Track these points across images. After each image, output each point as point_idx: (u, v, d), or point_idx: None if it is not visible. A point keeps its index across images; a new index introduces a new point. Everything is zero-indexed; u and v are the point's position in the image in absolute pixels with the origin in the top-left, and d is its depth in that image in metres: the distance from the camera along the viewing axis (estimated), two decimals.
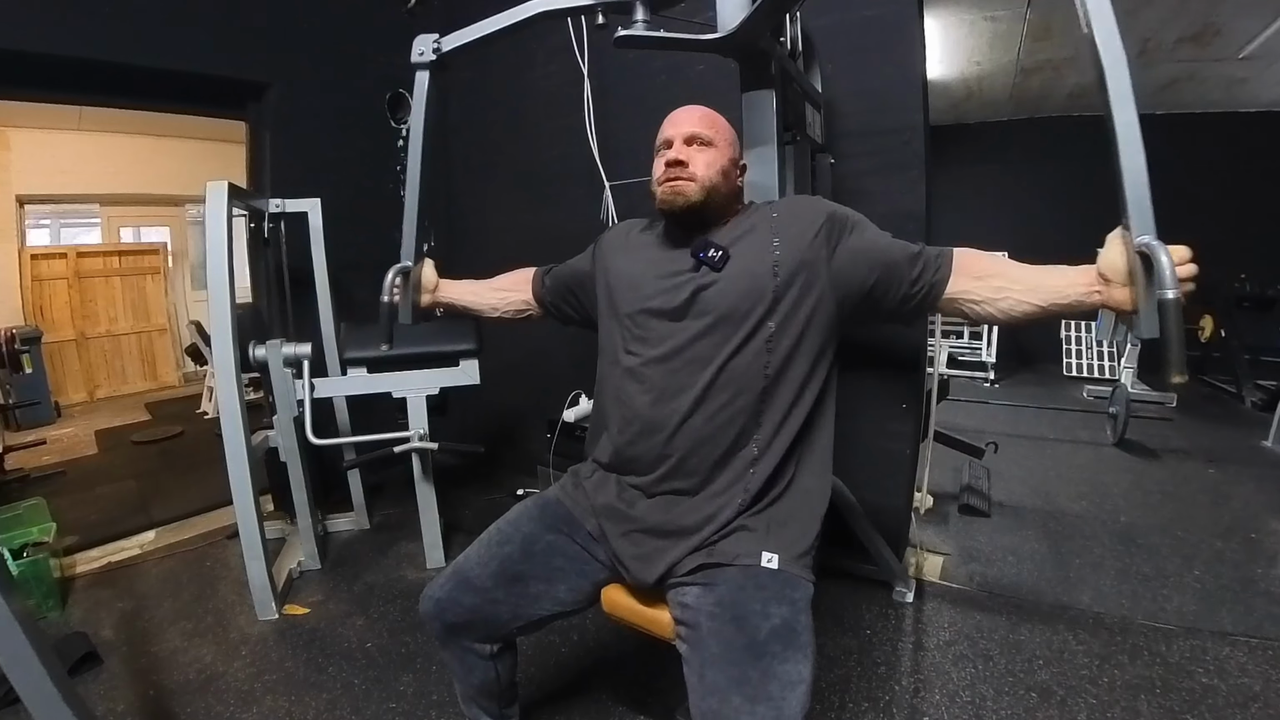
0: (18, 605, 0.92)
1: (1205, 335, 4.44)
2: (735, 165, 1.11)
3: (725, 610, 0.90)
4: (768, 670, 0.84)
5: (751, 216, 1.08)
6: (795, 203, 1.13)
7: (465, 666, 1.13)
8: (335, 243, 2.35)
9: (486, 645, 1.10)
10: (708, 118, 1.09)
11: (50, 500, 2.30)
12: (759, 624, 0.87)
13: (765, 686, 0.82)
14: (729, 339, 0.98)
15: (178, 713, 1.49)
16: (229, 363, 1.76)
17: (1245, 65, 3.98)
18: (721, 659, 0.86)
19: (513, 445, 2.95)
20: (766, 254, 1.00)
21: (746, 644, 0.86)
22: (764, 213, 1.08)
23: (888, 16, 1.77)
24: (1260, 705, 1.40)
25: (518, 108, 2.72)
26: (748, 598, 0.90)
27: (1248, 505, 2.52)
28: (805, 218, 1.03)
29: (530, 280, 1.37)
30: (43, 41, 2.01)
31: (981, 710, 1.42)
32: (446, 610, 1.06)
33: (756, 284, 0.99)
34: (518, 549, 1.07)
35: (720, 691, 0.83)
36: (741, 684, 0.83)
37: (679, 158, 1.04)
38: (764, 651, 0.85)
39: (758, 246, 1.02)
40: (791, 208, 1.09)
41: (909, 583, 1.90)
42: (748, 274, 1.00)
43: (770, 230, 1.03)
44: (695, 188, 1.03)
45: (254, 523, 1.81)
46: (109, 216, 5.92)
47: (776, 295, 0.98)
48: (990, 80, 4.57)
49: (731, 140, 1.11)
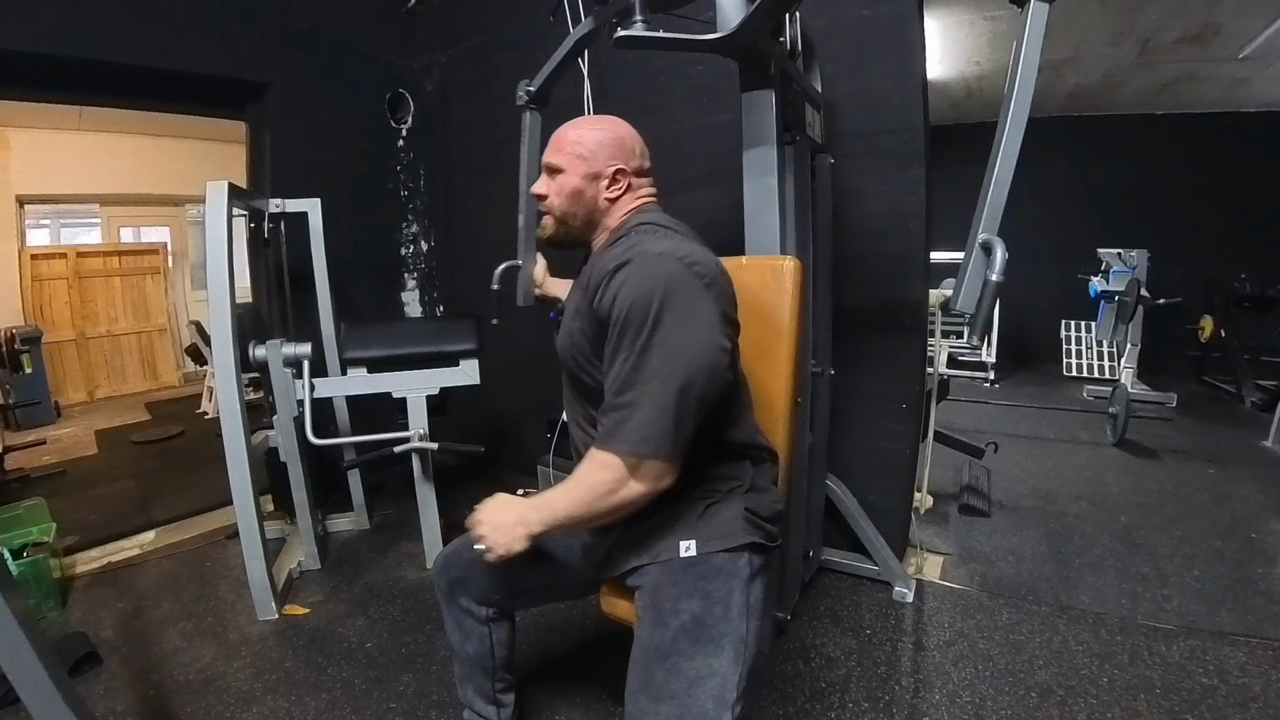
0: (18, 605, 0.93)
1: (1205, 335, 4.43)
2: (593, 179, 0.99)
3: (646, 613, 0.92)
4: (673, 669, 0.86)
5: (606, 253, 0.96)
6: (613, 275, 0.88)
7: (462, 632, 1.17)
8: (335, 243, 2.35)
9: (483, 608, 1.15)
10: (559, 139, 1.02)
11: (50, 500, 2.30)
12: (669, 622, 0.89)
13: (669, 685, 0.85)
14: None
15: (178, 713, 1.49)
16: (229, 363, 1.76)
17: (1245, 65, 3.98)
18: (636, 662, 0.90)
19: (513, 445, 2.95)
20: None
21: (657, 645, 0.89)
22: (607, 257, 0.93)
23: (888, 16, 1.77)
24: (1260, 705, 1.40)
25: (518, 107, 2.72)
26: (663, 596, 0.91)
27: (1248, 505, 2.52)
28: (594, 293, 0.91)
29: None
30: (43, 41, 2.01)
31: (981, 710, 1.42)
32: (451, 563, 1.13)
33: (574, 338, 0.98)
34: None
35: (632, 694, 0.87)
36: (647, 685, 0.87)
37: (536, 192, 1.04)
38: (670, 650, 0.87)
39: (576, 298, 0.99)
40: (600, 277, 0.90)
41: (909, 583, 1.90)
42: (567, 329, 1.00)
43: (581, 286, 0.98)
44: (549, 221, 1.04)
45: (254, 523, 1.81)
46: (109, 216, 5.92)
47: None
48: (990, 80, 4.57)
49: (584, 153, 0.99)
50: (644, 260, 0.86)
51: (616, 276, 0.86)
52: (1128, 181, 5.02)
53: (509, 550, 0.90)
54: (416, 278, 3.12)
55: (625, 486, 0.85)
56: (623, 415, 0.83)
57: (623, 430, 0.83)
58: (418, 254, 3.12)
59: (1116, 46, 3.83)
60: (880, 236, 1.86)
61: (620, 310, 0.84)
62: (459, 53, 2.96)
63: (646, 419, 0.82)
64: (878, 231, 1.86)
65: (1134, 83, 4.41)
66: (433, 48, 2.99)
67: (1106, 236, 4.34)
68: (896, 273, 1.88)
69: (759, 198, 1.33)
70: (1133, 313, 3.70)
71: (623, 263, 0.87)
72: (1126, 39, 3.74)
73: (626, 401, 0.83)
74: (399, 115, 2.96)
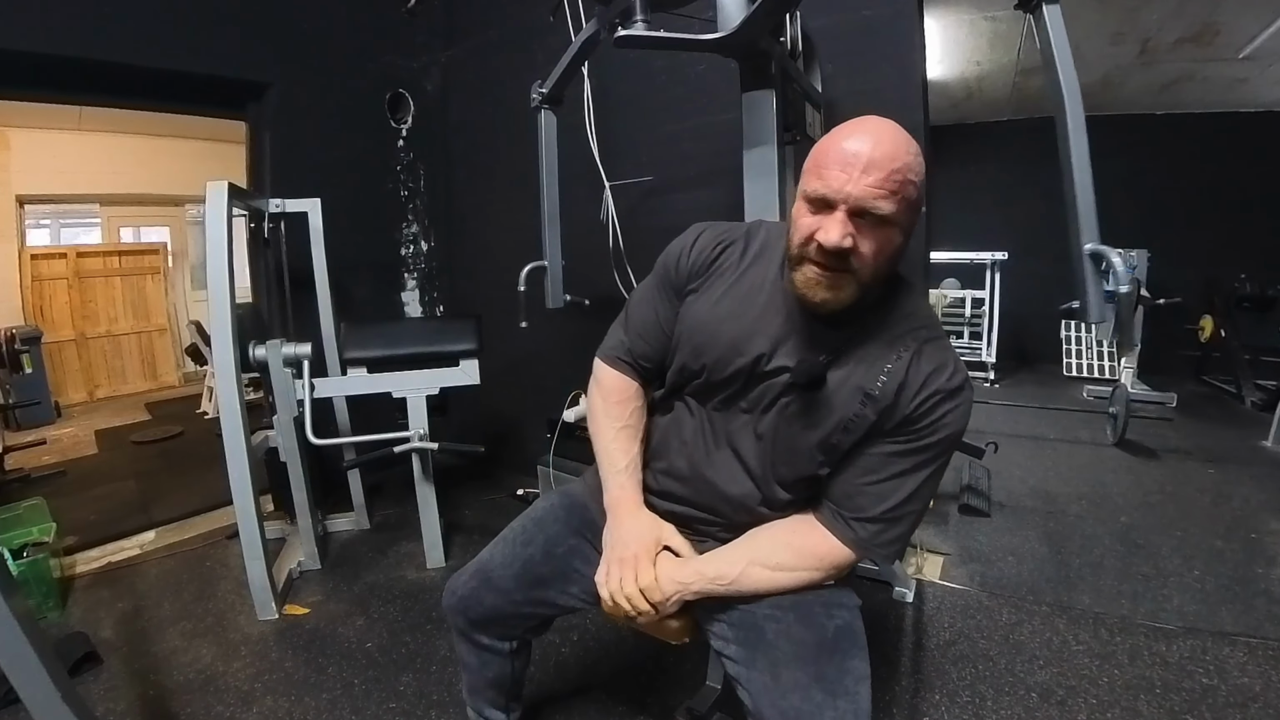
0: (18, 605, 0.92)
1: (1205, 335, 4.43)
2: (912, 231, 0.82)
3: (787, 612, 0.90)
4: (842, 665, 0.85)
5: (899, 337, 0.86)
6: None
7: (481, 661, 1.14)
8: (335, 243, 2.35)
9: (505, 643, 1.12)
10: (880, 164, 0.74)
11: (50, 500, 2.30)
12: (825, 624, 0.88)
13: (842, 680, 0.83)
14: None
15: (178, 713, 1.49)
16: (229, 363, 1.76)
17: (1245, 65, 3.98)
18: (797, 657, 0.85)
19: (513, 445, 2.95)
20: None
21: (818, 642, 0.86)
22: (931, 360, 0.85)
23: (888, 16, 1.77)
24: (1260, 705, 1.39)
25: (518, 108, 2.72)
26: (810, 600, 0.91)
27: (1248, 505, 2.52)
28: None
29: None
30: (43, 41, 2.01)
31: (981, 710, 1.42)
32: (470, 607, 1.08)
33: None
34: (540, 551, 1.07)
35: (802, 688, 0.82)
36: (821, 679, 0.83)
37: (840, 245, 0.75)
38: (835, 648, 0.86)
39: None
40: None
41: (909, 583, 1.90)
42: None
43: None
44: (847, 283, 0.79)
45: (254, 523, 1.81)
46: (109, 216, 5.92)
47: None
48: (990, 80, 4.57)
49: (917, 197, 0.78)
50: (971, 393, 0.86)
51: (956, 398, 0.84)
52: (1128, 181, 5.01)
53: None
54: (416, 278, 3.12)
55: (837, 577, 0.93)
56: (894, 529, 0.87)
57: (884, 541, 0.88)
58: (418, 254, 3.11)
59: (1116, 46, 3.83)
60: None
61: (938, 431, 0.84)
62: (459, 53, 2.96)
63: (905, 537, 0.90)
64: None
65: (1134, 83, 4.41)
66: (433, 48, 2.99)
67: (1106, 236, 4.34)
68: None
69: (759, 198, 1.32)
70: (1133, 313, 3.70)
71: (961, 386, 0.84)
72: (1126, 39, 3.73)
73: (896, 517, 0.87)
74: (399, 115, 2.96)
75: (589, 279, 2.13)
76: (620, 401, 1.03)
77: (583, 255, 2.10)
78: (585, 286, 2.07)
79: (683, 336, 0.96)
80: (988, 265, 4.97)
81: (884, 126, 0.78)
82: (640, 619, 0.92)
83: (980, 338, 5.10)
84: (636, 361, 1.03)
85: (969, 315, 5.24)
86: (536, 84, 1.86)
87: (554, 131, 1.93)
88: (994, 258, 4.90)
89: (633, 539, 0.93)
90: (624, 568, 0.91)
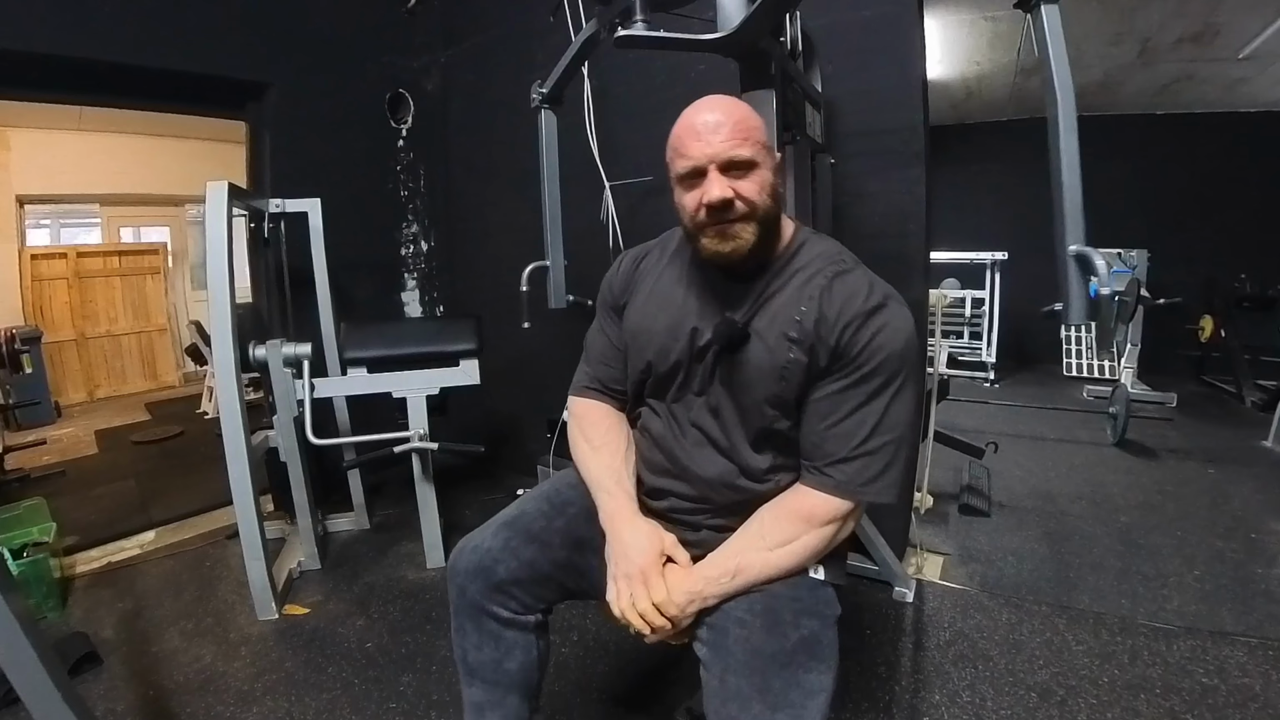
0: (18, 605, 0.93)
1: (1205, 335, 4.43)
2: (777, 174, 0.91)
3: (756, 618, 0.88)
4: (792, 679, 0.82)
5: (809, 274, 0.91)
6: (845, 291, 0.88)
7: (500, 649, 0.97)
8: (335, 243, 2.35)
9: (530, 615, 0.99)
10: (734, 124, 0.86)
11: (50, 500, 2.30)
12: (789, 633, 0.86)
13: (787, 694, 0.81)
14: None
15: (178, 713, 1.49)
16: (229, 363, 1.76)
17: (1245, 65, 3.98)
18: (746, 665, 0.83)
19: (513, 445, 2.95)
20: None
21: (774, 652, 0.84)
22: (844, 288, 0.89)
23: (888, 16, 1.77)
24: (1260, 705, 1.40)
25: (518, 108, 2.73)
26: (784, 607, 0.89)
27: (1248, 505, 2.52)
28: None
29: None
30: (43, 41, 2.00)
31: (981, 710, 1.42)
32: (500, 561, 0.95)
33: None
34: (582, 512, 1.01)
35: (743, 698, 0.81)
36: (764, 691, 0.81)
37: (721, 197, 0.84)
38: (790, 660, 0.84)
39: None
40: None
41: (909, 583, 1.90)
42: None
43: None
44: (748, 229, 0.87)
45: (254, 523, 1.81)
46: (109, 216, 5.92)
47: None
48: (990, 80, 4.57)
49: (765, 140, 0.89)
50: (900, 308, 0.87)
51: (877, 318, 0.85)
52: (1128, 181, 5.02)
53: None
54: (416, 278, 3.12)
55: (840, 533, 0.90)
56: (874, 463, 0.85)
57: (867, 479, 0.86)
58: (418, 254, 3.12)
59: (1116, 46, 3.83)
60: (880, 236, 1.86)
61: (873, 355, 0.84)
62: (459, 53, 2.96)
63: (900, 470, 0.88)
64: (878, 231, 1.86)
65: (1134, 83, 4.41)
66: (433, 48, 2.99)
67: (1106, 237, 4.35)
68: (896, 273, 1.86)
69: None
70: (1133, 313, 3.70)
71: (880, 305, 0.86)
72: (1126, 39, 3.73)
73: (870, 451, 0.85)
74: (399, 115, 2.96)
75: (589, 279, 2.12)
76: (595, 423, 1.06)
77: (583, 255, 2.11)
78: (586, 286, 2.06)
79: (629, 345, 1.03)
80: (988, 265, 4.98)
81: (715, 98, 0.91)
82: (656, 635, 0.88)
83: (980, 338, 5.11)
84: (605, 387, 1.09)
85: (969, 315, 5.24)
86: (536, 84, 1.86)
87: (554, 131, 1.93)
88: (994, 258, 4.91)
89: (636, 553, 0.90)
90: (633, 584, 0.88)
